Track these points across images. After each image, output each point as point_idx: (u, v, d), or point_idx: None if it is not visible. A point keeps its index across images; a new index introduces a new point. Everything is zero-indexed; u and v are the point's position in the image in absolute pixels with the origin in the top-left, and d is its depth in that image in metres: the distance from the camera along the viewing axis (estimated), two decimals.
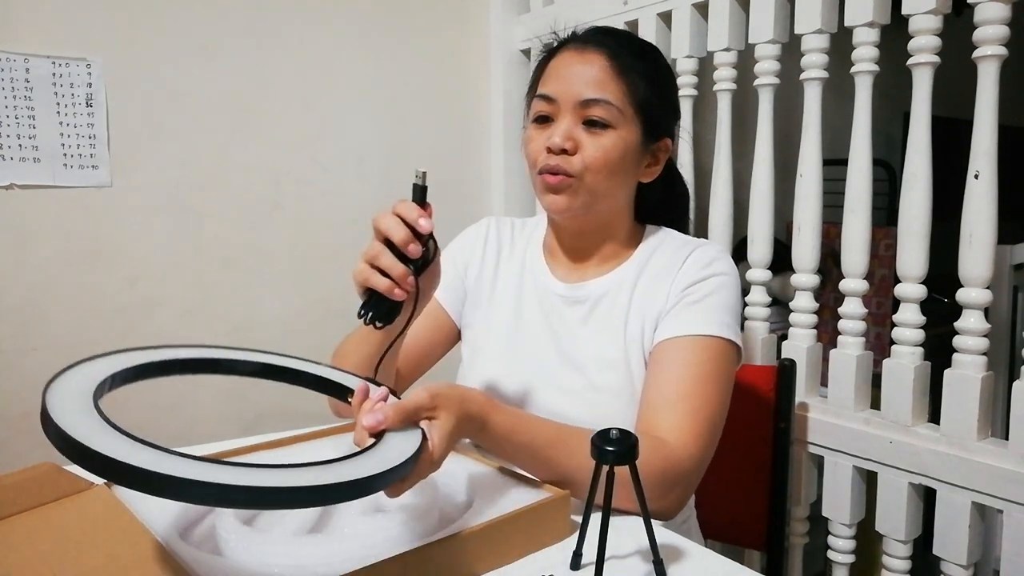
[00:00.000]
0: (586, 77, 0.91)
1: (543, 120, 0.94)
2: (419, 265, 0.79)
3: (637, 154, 0.95)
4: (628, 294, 0.97)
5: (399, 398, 0.71)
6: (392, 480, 0.59)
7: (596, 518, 0.62)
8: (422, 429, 0.66)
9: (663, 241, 1.01)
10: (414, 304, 0.82)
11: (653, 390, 0.89)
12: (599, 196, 0.94)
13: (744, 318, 1.43)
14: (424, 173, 0.78)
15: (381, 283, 0.77)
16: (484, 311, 1.06)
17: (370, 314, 0.78)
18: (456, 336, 1.11)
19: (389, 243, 0.78)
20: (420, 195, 0.78)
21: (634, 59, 0.93)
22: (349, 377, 0.79)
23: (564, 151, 0.91)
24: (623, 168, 0.94)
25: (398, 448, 0.62)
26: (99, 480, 0.77)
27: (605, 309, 0.98)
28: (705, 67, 1.53)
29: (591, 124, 0.91)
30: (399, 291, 0.77)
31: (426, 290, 0.84)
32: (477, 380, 1.02)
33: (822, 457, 1.30)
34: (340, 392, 0.77)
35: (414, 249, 0.77)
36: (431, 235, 0.79)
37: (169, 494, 0.50)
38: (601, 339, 0.97)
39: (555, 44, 0.99)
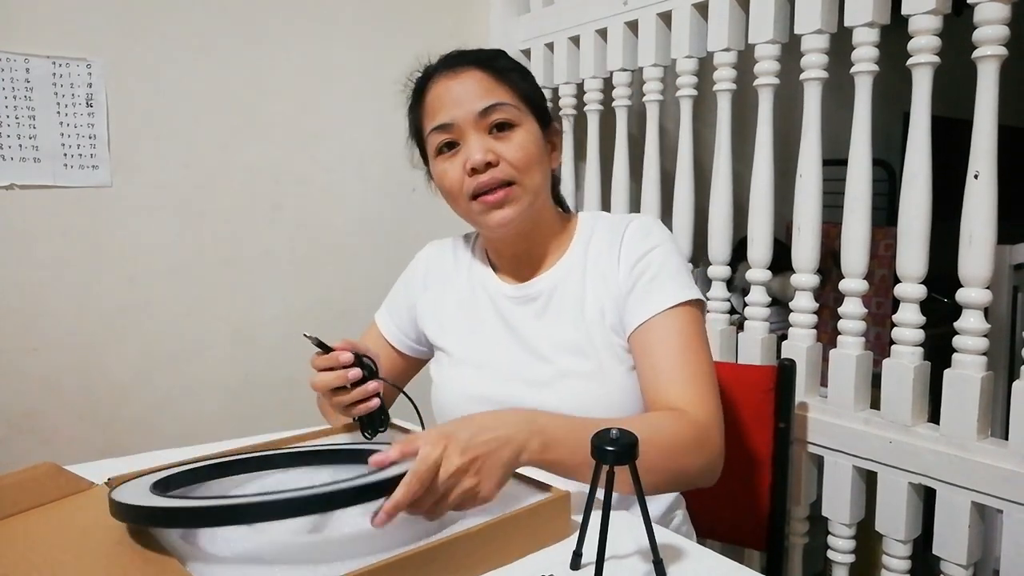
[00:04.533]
0: (472, 91, 0.93)
1: (448, 148, 0.95)
2: (370, 373, 0.90)
3: (543, 144, 0.97)
4: (579, 280, 0.98)
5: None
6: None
7: (596, 518, 0.62)
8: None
9: (596, 223, 1.02)
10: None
11: (649, 372, 0.91)
12: (536, 193, 0.95)
13: (744, 318, 1.43)
14: (311, 336, 0.87)
15: (365, 408, 0.89)
16: (445, 335, 1.07)
17: (370, 431, 0.91)
18: (415, 364, 1.15)
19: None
20: (321, 345, 0.88)
21: (502, 61, 0.97)
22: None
23: (489, 164, 0.91)
24: (541, 159, 0.96)
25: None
26: (99, 480, 0.77)
27: (558, 300, 0.99)
28: (705, 67, 1.53)
29: (499, 128, 0.93)
30: (375, 401, 0.89)
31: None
32: (451, 395, 1.03)
33: (822, 457, 1.30)
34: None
35: (355, 374, 0.87)
36: (357, 358, 0.88)
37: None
38: (560, 328, 0.98)
39: (419, 80, 1.00)
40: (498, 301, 1.03)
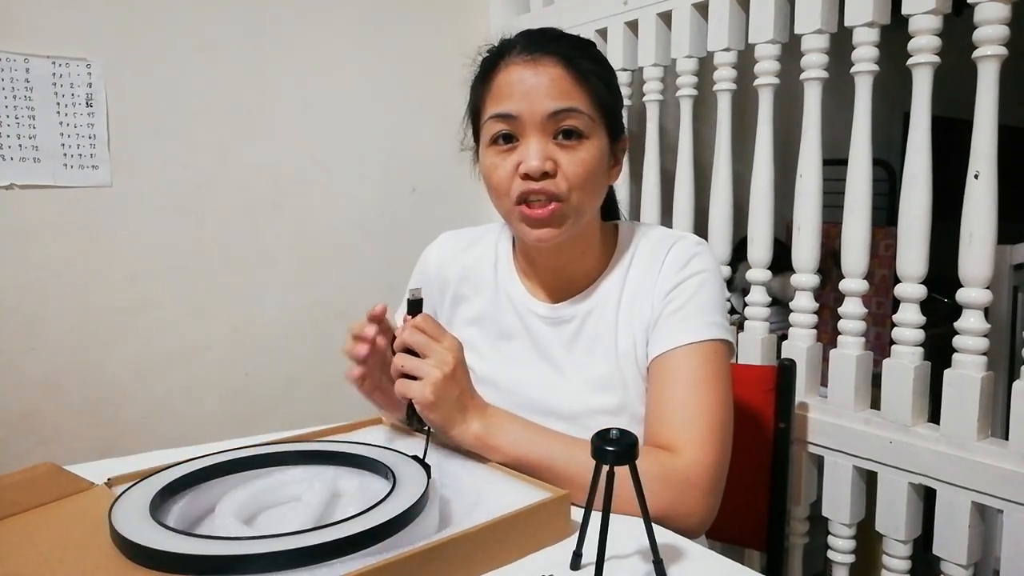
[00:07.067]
0: (546, 88, 0.84)
1: (504, 140, 0.86)
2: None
3: (608, 159, 0.90)
4: (615, 307, 0.93)
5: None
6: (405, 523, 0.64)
7: (596, 518, 0.62)
8: (428, 479, 0.71)
9: (640, 242, 0.96)
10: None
11: (653, 407, 0.88)
12: (584, 214, 0.88)
13: (744, 318, 1.43)
14: (414, 290, 0.85)
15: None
16: (465, 350, 0.98)
17: (417, 422, 0.84)
18: None
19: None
20: (413, 304, 0.85)
21: (588, 61, 0.87)
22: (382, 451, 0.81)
23: (545, 174, 0.84)
24: (599, 178, 0.89)
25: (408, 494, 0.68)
26: (99, 480, 0.77)
27: (593, 326, 0.94)
28: (705, 67, 1.53)
29: (565, 136, 0.85)
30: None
31: None
32: None
33: (822, 457, 1.30)
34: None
35: (360, 350, 0.85)
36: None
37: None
38: (592, 358, 0.93)
39: (491, 56, 0.90)
40: (526, 318, 0.97)
